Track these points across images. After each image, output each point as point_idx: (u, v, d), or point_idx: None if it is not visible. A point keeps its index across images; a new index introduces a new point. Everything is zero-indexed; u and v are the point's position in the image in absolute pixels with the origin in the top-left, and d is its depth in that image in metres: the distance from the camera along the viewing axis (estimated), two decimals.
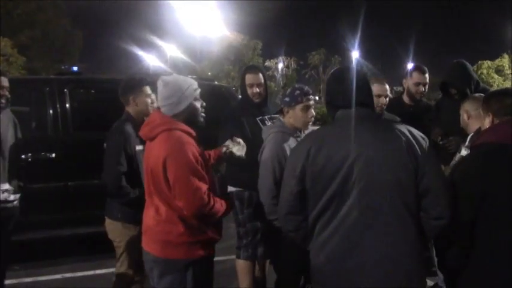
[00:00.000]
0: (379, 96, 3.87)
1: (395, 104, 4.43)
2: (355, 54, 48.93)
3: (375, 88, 3.74)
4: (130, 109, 3.58)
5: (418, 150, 2.18)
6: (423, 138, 2.25)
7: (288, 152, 3.18)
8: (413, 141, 2.20)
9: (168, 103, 2.75)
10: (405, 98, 4.63)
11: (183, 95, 2.76)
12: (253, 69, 4.14)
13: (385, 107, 4.01)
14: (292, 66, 57.46)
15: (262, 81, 4.03)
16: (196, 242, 2.71)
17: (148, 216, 2.82)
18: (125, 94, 3.58)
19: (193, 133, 2.80)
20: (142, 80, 3.72)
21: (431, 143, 2.40)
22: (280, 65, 54.48)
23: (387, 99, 4.02)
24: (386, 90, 3.99)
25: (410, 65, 4.67)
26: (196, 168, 2.65)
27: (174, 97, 2.74)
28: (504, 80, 45.50)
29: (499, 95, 2.56)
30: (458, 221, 2.26)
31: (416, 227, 2.21)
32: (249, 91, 3.99)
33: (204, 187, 2.66)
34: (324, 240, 2.23)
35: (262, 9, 40.79)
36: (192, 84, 2.82)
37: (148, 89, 3.60)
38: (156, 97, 2.99)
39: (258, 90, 3.97)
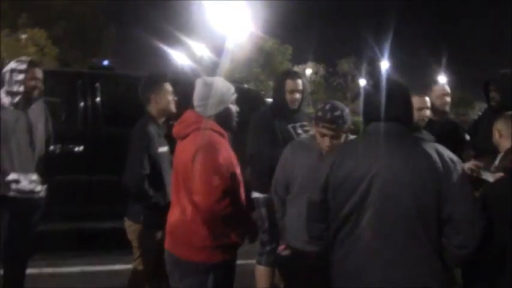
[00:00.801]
0: (420, 109, 3.82)
1: None
2: (384, 64, 48.40)
3: (415, 101, 3.63)
4: (152, 108, 3.55)
5: (444, 173, 2.10)
6: (452, 161, 2.16)
7: (294, 164, 3.18)
8: (440, 163, 2.12)
9: (205, 103, 2.77)
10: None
11: (222, 98, 2.79)
12: (294, 74, 4.09)
13: (427, 119, 3.96)
14: (321, 72, 57.21)
15: (302, 87, 3.99)
16: (219, 246, 2.70)
17: (174, 215, 2.82)
18: (145, 93, 3.56)
19: (226, 135, 2.82)
20: (162, 76, 3.69)
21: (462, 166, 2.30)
22: (309, 71, 54.31)
23: (429, 111, 3.98)
24: (426, 102, 3.95)
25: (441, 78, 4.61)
26: (221, 168, 2.65)
27: (212, 98, 2.76)
28: None
29: None
30: (488, 247, 2.21)
31: (436, 253, 2.14)
32: (289, 97, 3.94)
33: (225, 188, 2.65)
34: (343, 255, 2.23)
35: (293, 11, 40.83)
36: (230, 88, 2.85)
37: (169, 86, 3.58)
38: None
39: (297, 96, 3.93)
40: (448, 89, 4.33)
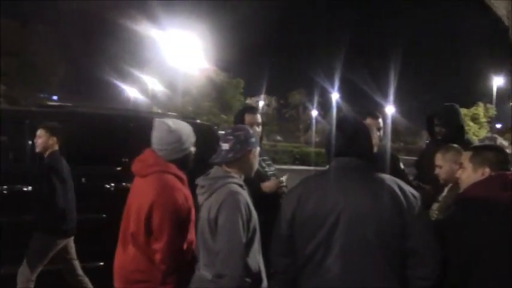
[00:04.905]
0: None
1: None
2: (334, 96, 49.69)
3: (368, 122, 3.81)
4: None
5: (407, 208, 2.16)
6: (414, 196, 2.22)
7: None
8: (403, 199, 2.17)
9: (170, 148, 2.80)
10: None
11: (186, 142, 2.85)
12: (252, 109, 4.17)
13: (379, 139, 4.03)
14: (273, 105, 58.01)
15: (260, 121, 4.01)
16: None
17: (118, 254, 2.82)
18: None
19: (184, 178, 2.83)
20: None
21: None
22: (261, 103, 54.90)
23: (381, 131, 4.07)
24: (379, 123, 4.04)
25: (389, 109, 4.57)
26: (181, 218, 2.66)
27: (177, 143, 2.81)
28: (479, 128, 46.54)
29: (494, 150, 2.58)
30: (447, 277, 2.25)
31: (400, 285, 2.18)
32: None
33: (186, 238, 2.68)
34: None
35: (244, 46, 41.29)
36: (191, 131, 2.92)
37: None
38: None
39: (257, 129, 3.89)
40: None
